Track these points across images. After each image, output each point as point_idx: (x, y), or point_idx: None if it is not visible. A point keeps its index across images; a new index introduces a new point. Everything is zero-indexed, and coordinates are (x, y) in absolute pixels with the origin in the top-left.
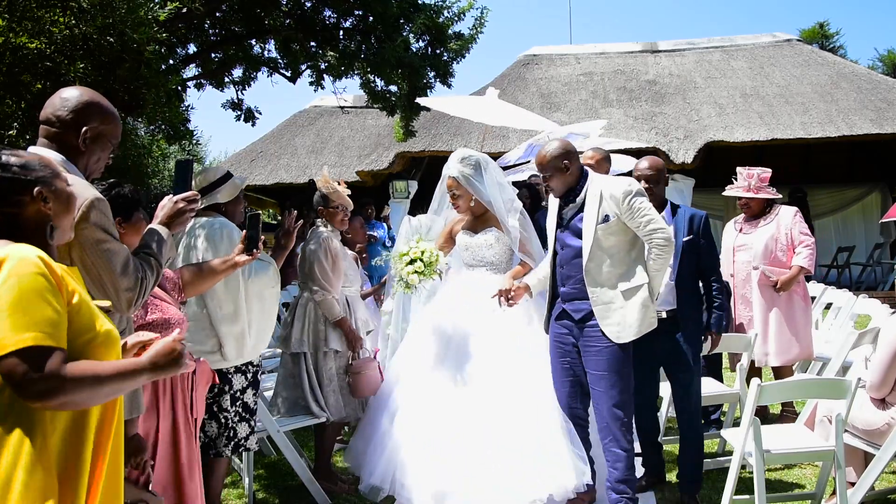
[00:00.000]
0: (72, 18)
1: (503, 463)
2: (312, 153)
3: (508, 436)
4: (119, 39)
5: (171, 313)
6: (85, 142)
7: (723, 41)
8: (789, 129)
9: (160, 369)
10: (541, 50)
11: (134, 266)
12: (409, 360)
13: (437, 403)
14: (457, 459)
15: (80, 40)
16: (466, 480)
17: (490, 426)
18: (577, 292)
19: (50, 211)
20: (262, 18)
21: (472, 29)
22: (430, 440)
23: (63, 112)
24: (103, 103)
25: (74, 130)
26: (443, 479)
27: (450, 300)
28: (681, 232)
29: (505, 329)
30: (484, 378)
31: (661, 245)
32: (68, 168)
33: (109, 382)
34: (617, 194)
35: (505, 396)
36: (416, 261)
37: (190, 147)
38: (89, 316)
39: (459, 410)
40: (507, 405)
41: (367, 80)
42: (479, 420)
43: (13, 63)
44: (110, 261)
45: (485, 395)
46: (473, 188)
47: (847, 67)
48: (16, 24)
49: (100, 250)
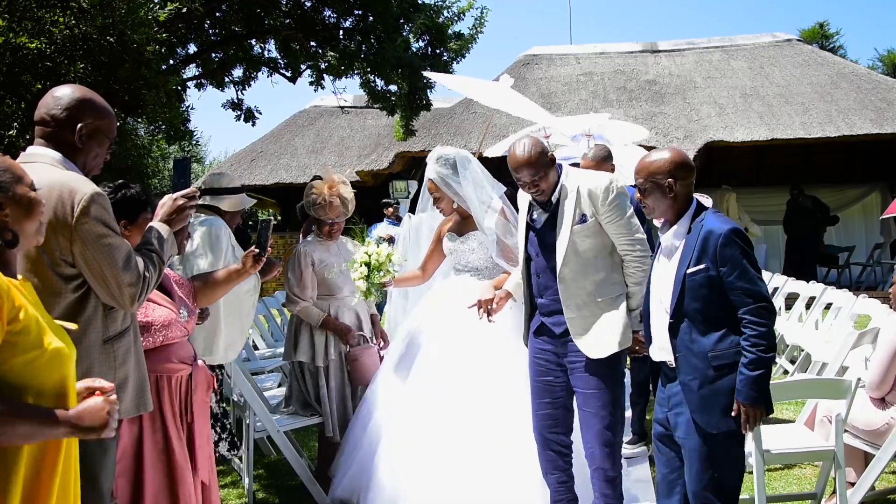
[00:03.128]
0: (72, 18)
1: (466, 480)
2: (312, 153)
3: (474, 453)
4: (119, 40)
5: (155, 316)
6: (81, 138)
7: (723, 41)
8: (789, 128)
9: (82, 429)
10: (541, 50)
11: (136, 261)
12: (386, 370)
13: (410, 416)
14: (420, 471)
15: (80, 40)
16: (425, 492)
17: (459, 441)
18: (557, 304)
19: (6, 218)
20: (262, 18)
21: (472, 29)
22: (393, 452)
23: (57, 111)
24: (96, 99)
25: (70, 128)
26: (402, 488)
27: (431, 309)
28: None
29: (486, 340)
30: (457, 393)
31: (641, 259)
32: (67, 166)
33: (23, 426)
34: (596, 191)
35: (477, 412)
36: (364, 265)
37: (190, 147)
38: (37, 333)
39: (429, 423)
40: (480, 421)
41: (367, 79)
42: (449, 433)
43: (13, 63)
44: (112, 256)
45: (457, 410)
46: (451, 190)
47: (847, 67)
48: (16, 24)
49: (101, 245)
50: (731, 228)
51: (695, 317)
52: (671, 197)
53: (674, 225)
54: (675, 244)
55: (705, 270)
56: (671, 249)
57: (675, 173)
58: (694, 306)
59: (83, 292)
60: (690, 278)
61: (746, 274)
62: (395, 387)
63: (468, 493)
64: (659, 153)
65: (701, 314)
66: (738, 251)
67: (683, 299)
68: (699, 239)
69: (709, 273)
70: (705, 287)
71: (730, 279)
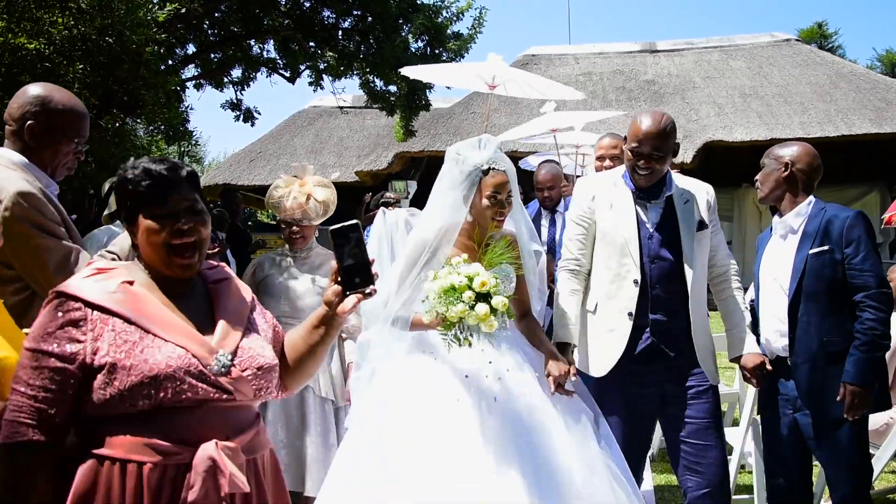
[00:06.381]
0: (71, 19)
1: None
2: (312, 153)
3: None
4: (118, 40)
5: (137, 357)
6: (32, 137)
7: (721, 41)
8: (788, 128)
9: None
10: (540, 50)
11: (81, 264)
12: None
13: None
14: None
15: (79, 41)
16: None
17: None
18: (673, 322)
19: None
20: (261, 19)
21: (471, 29)
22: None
23: (14, 108)
24: (54, 96)
25: (22, 125)
26: None
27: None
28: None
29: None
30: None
31: (736, 275)
32: (26, 166)
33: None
34: (710, 198)
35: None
36: (480, 295)
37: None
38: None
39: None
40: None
41: (367, 80)
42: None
43: (12, 64)
44: (40, 257)
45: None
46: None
47: (846, 67)
48: (15, 25)
49: (29, 247)
50: (858, 211)
51: (814, 298)
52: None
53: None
54: (794, 226)
55: (829, 252)
56: (788, 230)
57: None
58: (814, 287)
59: (27, 295)
60: (813, 259)
61: (870, 256)
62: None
63: None
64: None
65: (820, 296)
66: (864, 232)
67: (803, 280)
68: (822, 221)
69: (833, 255)
70: (828, 268)
71: (854, 260)
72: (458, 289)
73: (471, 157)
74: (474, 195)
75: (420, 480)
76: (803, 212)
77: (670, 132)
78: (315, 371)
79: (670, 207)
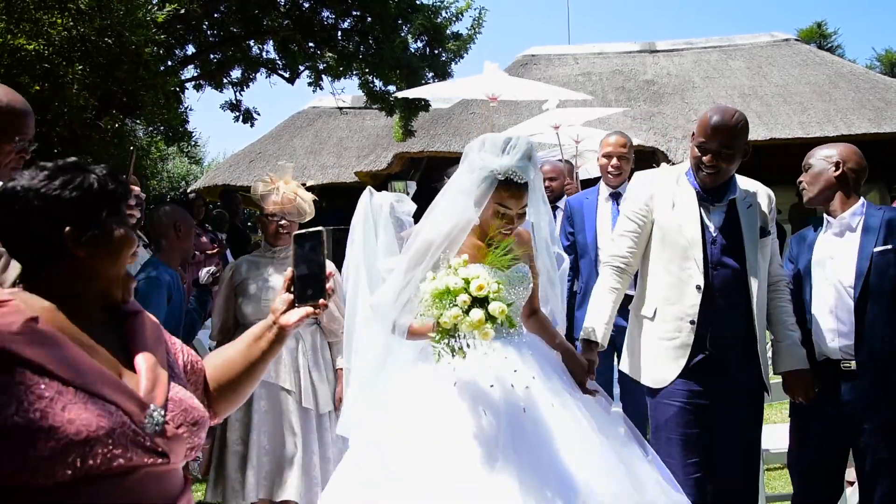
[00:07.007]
0: (70, 20)
1: None
2: (311, 154)
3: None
4: (117, 41)
5: (55, 420)
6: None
7: (721, 41)
8: (787, 128)
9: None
10: (539, 50)
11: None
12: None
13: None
14: None
15: (79, 42)
16: None
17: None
18: (732, 332)
19: None
20: (261, 19)
21: (471, 29)
22: None
23: None
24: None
25: None
26: None
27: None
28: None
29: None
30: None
31: (789, 285)
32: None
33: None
34: (771, 203)
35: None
36: (477, 300)
37: (188, 148)
38: None
39: None
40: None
41: (366, 80)
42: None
43: (11, 65)
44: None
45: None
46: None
47: (845, 67)
48: (14, 26)
49: None
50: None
51: (880, 297)
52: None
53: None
54: (852, 224)
55: (893, 251)
56: (846, 228)
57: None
58: (880, 285)
59: None
60: (878, 257)
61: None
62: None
63: None
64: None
65: (884, 295)
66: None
67: (869, 277)
68: (883, 220)
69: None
70: (893, 266)
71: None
72: (452, 291)
73: (490, 162)
74: (486, 202)
75: (420, 480)
76: (858, 211)
77: (741, 130)
78: (249, 393)
79: (733, 211)
